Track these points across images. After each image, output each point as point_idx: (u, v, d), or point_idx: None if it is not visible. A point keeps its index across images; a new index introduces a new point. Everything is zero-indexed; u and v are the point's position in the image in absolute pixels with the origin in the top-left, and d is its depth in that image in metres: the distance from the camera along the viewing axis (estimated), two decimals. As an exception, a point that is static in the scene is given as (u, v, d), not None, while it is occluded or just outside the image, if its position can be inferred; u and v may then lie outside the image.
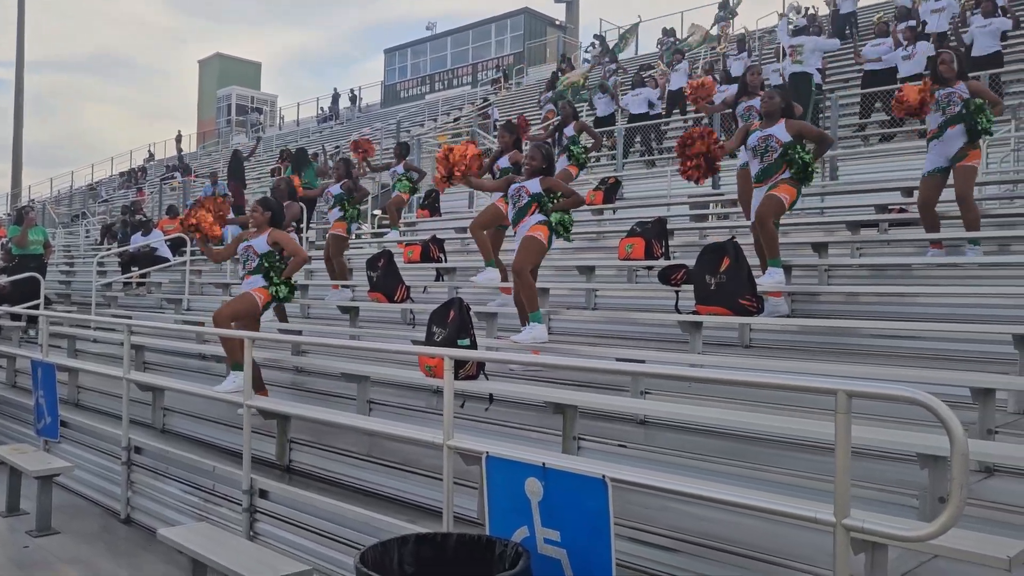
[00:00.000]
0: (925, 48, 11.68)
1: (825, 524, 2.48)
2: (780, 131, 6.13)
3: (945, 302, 5.83)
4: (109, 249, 16.26)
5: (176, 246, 13.95)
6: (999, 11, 11.47)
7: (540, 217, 6.06)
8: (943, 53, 6.61)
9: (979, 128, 6.28)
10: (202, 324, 9.16)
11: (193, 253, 12.43)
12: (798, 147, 6.06)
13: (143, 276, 13.81)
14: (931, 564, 3.05)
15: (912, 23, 12.87)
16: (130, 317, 9.30)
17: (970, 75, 6.94)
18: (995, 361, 4.93)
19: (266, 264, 6.14)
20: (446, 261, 9.43)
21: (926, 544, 2.42)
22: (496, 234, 7.65)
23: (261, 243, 6.22)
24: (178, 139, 38.58)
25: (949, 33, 13.23)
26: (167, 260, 13.83)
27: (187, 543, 4.28)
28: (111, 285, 14.00)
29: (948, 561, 2.94)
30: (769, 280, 6.12)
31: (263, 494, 4.87)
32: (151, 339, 8.59)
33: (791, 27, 16.79)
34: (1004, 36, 11.75)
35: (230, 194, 16.08)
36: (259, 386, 6.05)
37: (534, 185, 6.10)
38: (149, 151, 40.61)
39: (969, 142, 6.36)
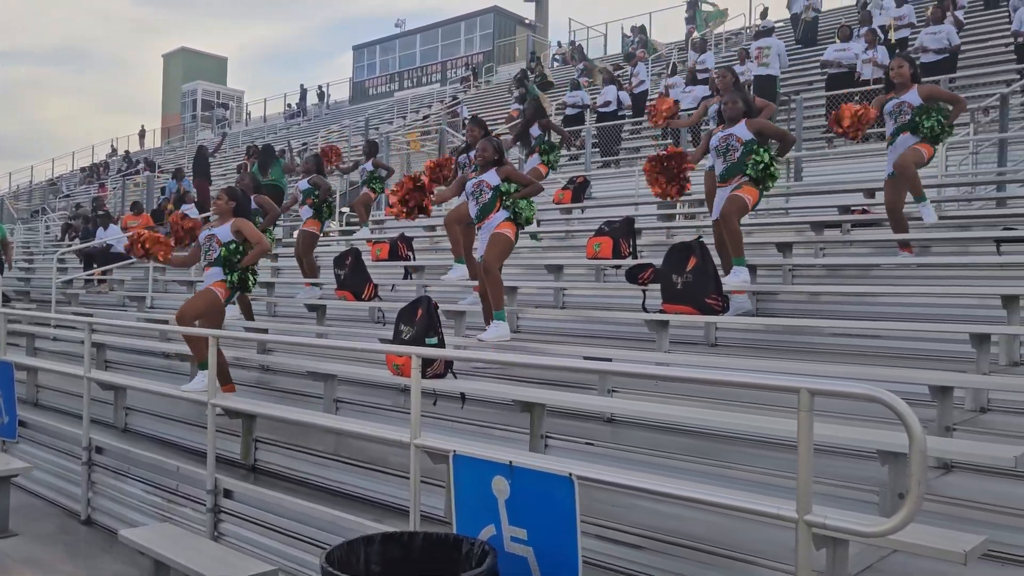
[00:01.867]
0: (884, 54, 11.97)
1: (787, 520, 2.51)
2: (741, 130, 6.20)
3: (905, 302, 5.94)
4: (70, 245, 15.97)
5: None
6: (947, 18, 11.77)
7: (506, 214, 6.08)
8: (896, 59, 6.74)
9: (924, 129, 6.39)
10: (166, 322, 9.05)
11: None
12: (759, 147, 6.13)
13: (105, 273, 13.58)
14: (891, 558, 3.11)
15: (873, 27, 13.13)
16: (91, 315, 9.13)
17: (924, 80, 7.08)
18: (953, 360, 5.04)
19: (224, 254, 6.04)
20: (415, 259, 9.39)
21: (886, 539, 2.47)
22: (467, 231, 7.64)
23: (224, 232, 6.11)
24: (142, 134, 37.99)
25: (909, 39, 13.50)
26: (128, 257, 13.60)
27: (149, 544, 4.22)
28: (72, 282, 13.74)
29: (907, 556, 3.00)
30: (735, 279, 6.19)
31: (228, 494, 4.82)
32: (113, 337, 8.45)
33: (759, 27, 17.00)
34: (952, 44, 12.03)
35: (195, 190, 15.90)
36: (225, 380, 5.97)
37: (492, 177, 6.11)
38: (112, 146, 39.93)
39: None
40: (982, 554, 2.66)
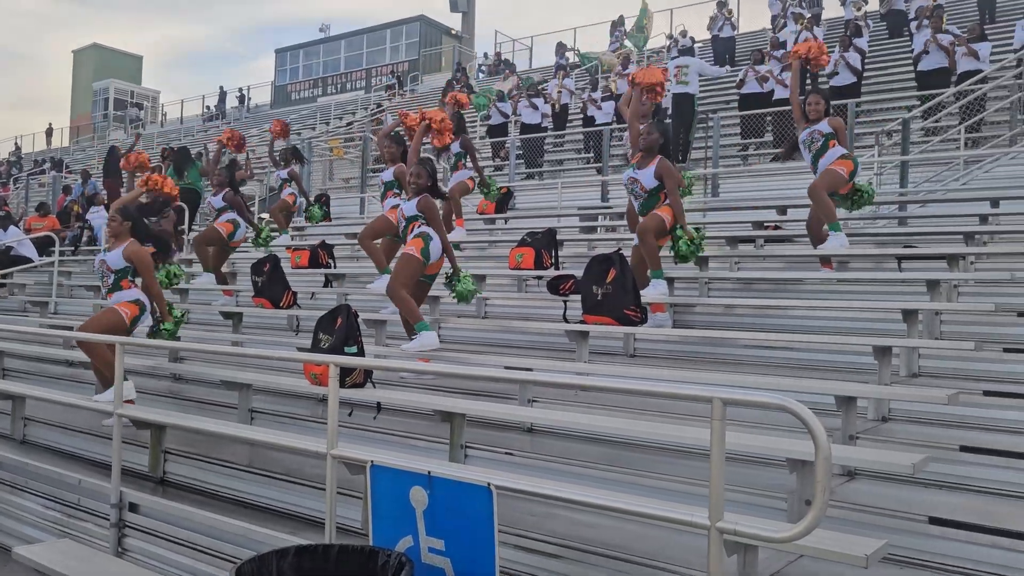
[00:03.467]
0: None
1: (700, 527, 2.57)
2: (647, 177, 6.40)
3: (814, 315, 6.18)
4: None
5: (44, 246, 13.11)
6: (852, 46, 12.41)
7: (421, 230, 6.06)
8: (813, 95, 7.08)
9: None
10: (71, 328, 8.66)
11: (62, 253, 11.74)
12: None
13: (4, 276, 12.90)
14: (798, 563, 3.21)
15: (787, 50, 13.65)
16: (-11, 320, 8.67)
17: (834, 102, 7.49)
18: (857, 371, 5.26)
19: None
20: (335, 267, 9.25)
21: (792, 544, 2.54)
22: (391, 243, 7.58)
23: (116, 258, 5.71)
24: (49, 132, 36.35)
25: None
26: (29, 260, 12.97)
27: (46, 562, 4.02)
28: (-33, 286, 13.01)
29: (813, 560, 3.10)
30: (653, 292, 6.31)
31: (133, 508, 4.63)
32: (11, 344, 8.04)
33: (677, 47, 17.47)
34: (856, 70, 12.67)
35: (105, 191, 15.32)
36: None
37: (410, 208, 6.16)
38: (16, 144, 38.08)
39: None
40: (882, 557, 2.77)
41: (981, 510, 3.58)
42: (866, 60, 13.24)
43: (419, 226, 6.10)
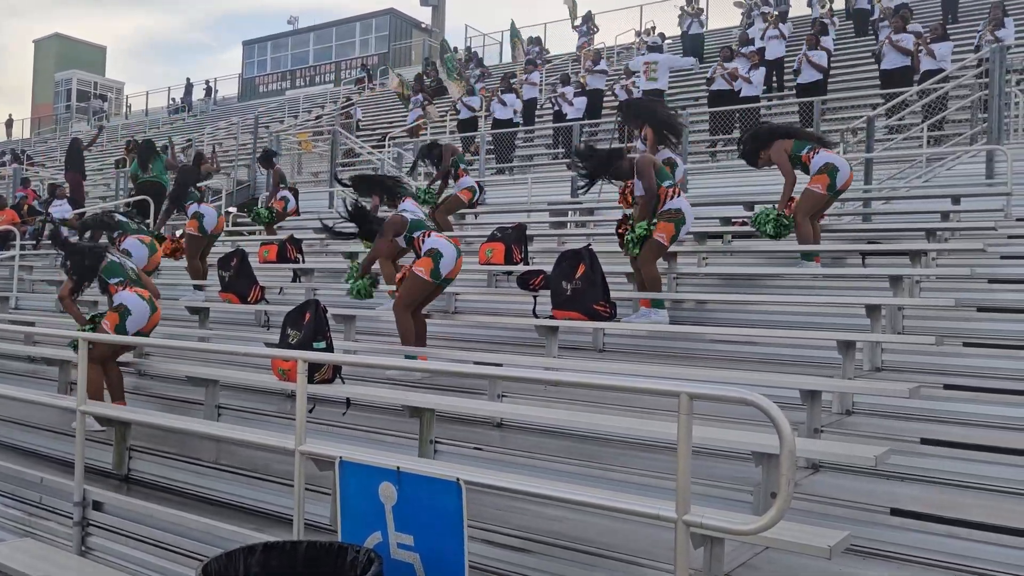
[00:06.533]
0: (760, 75, 12.74)
1: (667, 520, 2.59)
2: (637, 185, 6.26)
3: (780, 310, 6.25)
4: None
5: (3, 239, 12.84)
6: (819, 45, 12.61)
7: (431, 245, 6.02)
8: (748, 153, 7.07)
9: None
10: (32, 324, 8.50)
11: (23, 247, 11.50)
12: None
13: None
14: (763, 555, 3.26)
15: (755, 47, 13.84)
16: (-54, 316, 8.48)
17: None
18: (822, 365, 5.34)
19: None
20: (304, 262, 9.18)
21: (758, 536, 2.58)
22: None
23: None
24: (9, 123, 35.58)
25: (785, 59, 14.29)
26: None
27: (7, 561, 3.94)
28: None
29: (778, 552, 3.15)
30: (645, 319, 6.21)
31: (97, 506, 4.56)
32: (-29, 340, 7.88)
33: (646, 44, 17.58)
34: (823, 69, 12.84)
35: (67, 184, 15.03)
36: (118, 395, 5.66)
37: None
38: (-26, 135, 37.25)
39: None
40: (845, 549, 2.82)
41: (940, 501, 3.66)
42: (832, 58, 13.42)
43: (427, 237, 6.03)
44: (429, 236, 6.02)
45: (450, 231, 9.19)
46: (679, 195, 6.28)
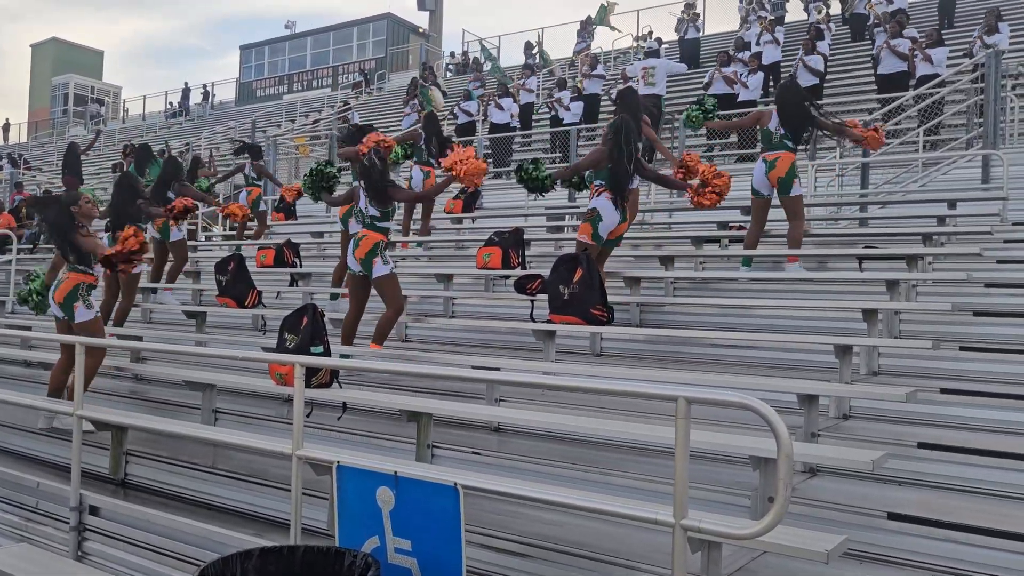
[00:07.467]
0: (758, 80, 12.77)
1: (665, 525, 2.59)
2: None
3: (778, 315, 6.26)
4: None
5: (0, 244, 12.80)
6: (815, 50, 12.66)
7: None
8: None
9: None
10: (29, 328, 8.48)
11: (20, 252, 11.47)
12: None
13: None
14: (761, 559, 3.25)
15: (752, 52, 13.87)
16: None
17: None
18: (819, 369, 5.35)
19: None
20: (301, 266, 9.17)
21: (755, 541, 2.58)
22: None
23: None
24: (6, 127, 35.53)
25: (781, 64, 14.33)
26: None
27: (4, 566, 3.92)
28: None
29: (776, 556, 3.15)
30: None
31: (94, 511, 4.55)
32: (-33, 344, 7.86)
33: (644, 49, 17.61)
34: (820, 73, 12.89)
35: (64, 188, 15.00)
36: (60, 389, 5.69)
37: None
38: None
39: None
40: (842, 553, 2.82)
41: (938, 505, 3.67)
42: (828, 63, 13.47)
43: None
44: None
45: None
46: (601, 195, 6.37)
